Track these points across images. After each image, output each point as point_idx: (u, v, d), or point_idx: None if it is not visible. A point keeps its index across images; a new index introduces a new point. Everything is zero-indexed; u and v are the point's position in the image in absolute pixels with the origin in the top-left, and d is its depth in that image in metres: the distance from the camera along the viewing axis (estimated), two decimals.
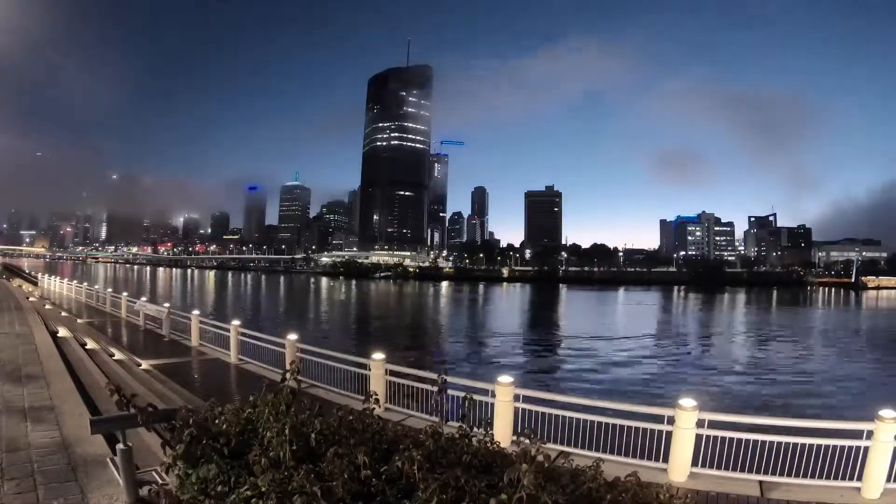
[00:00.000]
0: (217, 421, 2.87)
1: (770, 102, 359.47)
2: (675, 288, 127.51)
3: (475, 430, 2.87)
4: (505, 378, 8.01)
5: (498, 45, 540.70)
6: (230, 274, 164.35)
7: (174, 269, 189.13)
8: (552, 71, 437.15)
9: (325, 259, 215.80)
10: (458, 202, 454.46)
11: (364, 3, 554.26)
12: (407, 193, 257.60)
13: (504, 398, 7.77)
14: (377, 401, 3.21)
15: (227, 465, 2.49)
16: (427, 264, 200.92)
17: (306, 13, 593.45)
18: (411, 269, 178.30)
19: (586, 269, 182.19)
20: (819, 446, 6.46)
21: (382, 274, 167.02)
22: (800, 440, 6.55)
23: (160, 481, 3.21)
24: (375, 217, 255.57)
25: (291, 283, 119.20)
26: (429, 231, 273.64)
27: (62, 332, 16.02)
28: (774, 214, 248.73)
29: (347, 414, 2.93)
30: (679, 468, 6.80)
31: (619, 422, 7.26)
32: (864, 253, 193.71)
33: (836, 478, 6.44)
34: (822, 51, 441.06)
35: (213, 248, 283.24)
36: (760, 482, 6.64)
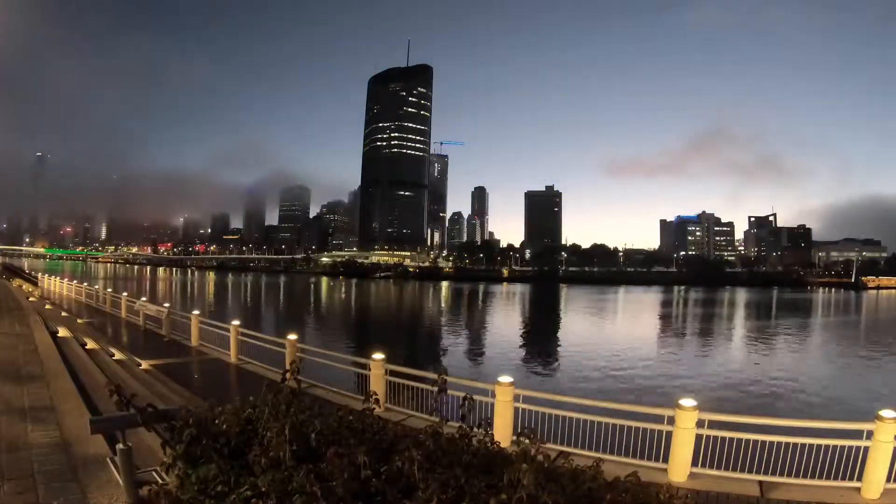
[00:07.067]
0: (217, 421, 2.86)
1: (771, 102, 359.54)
2: (676, 287, 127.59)
3: (475, 430, 2.86)
4: (505, 378, 7.99)
5: (498, 45, 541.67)
6: (230, 274, 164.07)
7: (174, 269, 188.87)
8: (554, 69, 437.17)
9: (325, 259, 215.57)
10: (458, 202, 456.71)
11: (364, 3, 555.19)
12: (407, 193, 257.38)
13: (504, 398, 7.75)
14: (377, 401, 3.21)
15: (227, 465, 2.48)
16: (427, 264, 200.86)
17: (306, 13, 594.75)
18: (411, 269, 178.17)
19: (586, 269, 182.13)
20: (819, 446, 6.45)
21: (382, 274, 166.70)
22: (800, 440, 6.54)
23: (160, 481, 3.20)
24: (375, 217, 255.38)
25: (291, 283, 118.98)
26: (429, 231, 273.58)
27: (62, 332, 15.99)
28: (774, 214, 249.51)
29: (347, 414, 2.93)
30: (679, 468, 6.79)
31: (619, 422, 7.24)
32: (864, 253, 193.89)
33: (835, 478, 6.42)
34: (823, 51, 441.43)
35: (213, 248, 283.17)
36: (760, 482, 6.63)
